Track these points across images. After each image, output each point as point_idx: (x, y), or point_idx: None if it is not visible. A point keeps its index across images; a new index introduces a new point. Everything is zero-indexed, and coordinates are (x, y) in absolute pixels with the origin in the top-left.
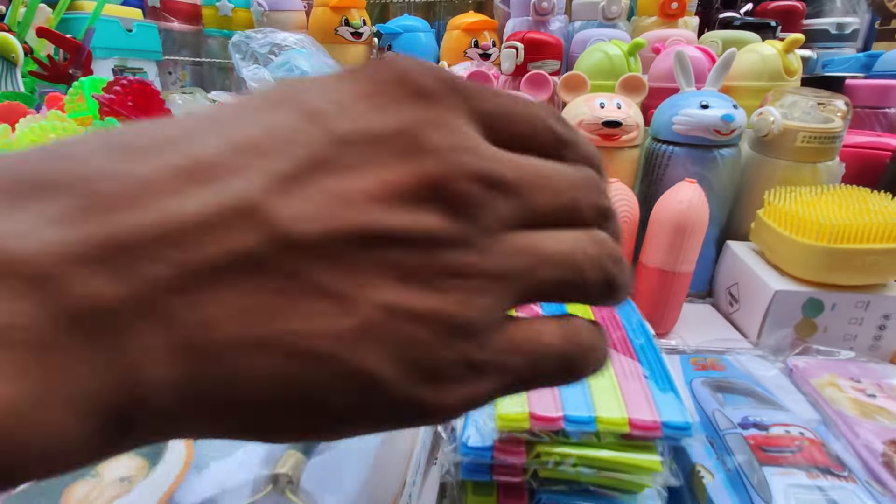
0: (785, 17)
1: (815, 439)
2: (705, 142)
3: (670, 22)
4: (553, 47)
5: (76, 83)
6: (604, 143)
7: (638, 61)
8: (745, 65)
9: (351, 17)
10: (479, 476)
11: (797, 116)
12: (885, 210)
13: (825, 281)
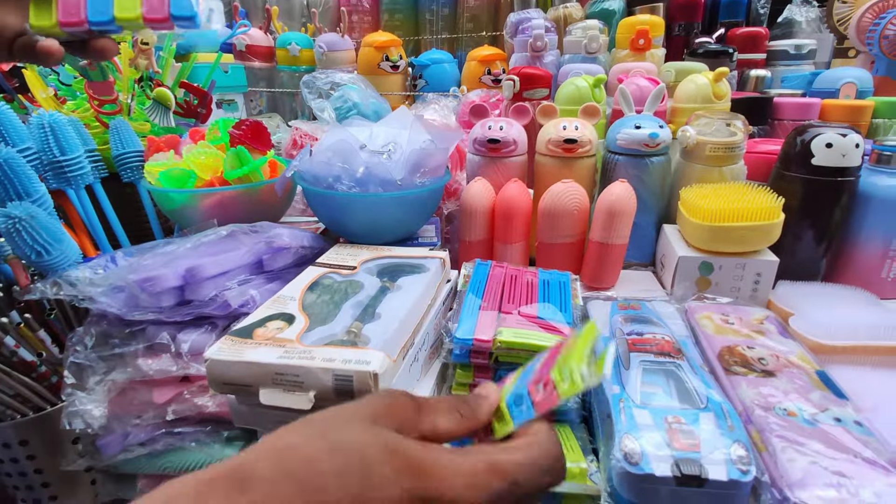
0: (751, 40)
1: (670, 340)
2: (640, 152)
3: (639, 54)
4: (542, 79)
5: (213, 122)
6: (565, 154)
7: (602, 91)
8: (686, 91)
9: (390, 53)
10: (462, 359)
11: (709, 132)
12: (756, 199)
13: (713, 249)
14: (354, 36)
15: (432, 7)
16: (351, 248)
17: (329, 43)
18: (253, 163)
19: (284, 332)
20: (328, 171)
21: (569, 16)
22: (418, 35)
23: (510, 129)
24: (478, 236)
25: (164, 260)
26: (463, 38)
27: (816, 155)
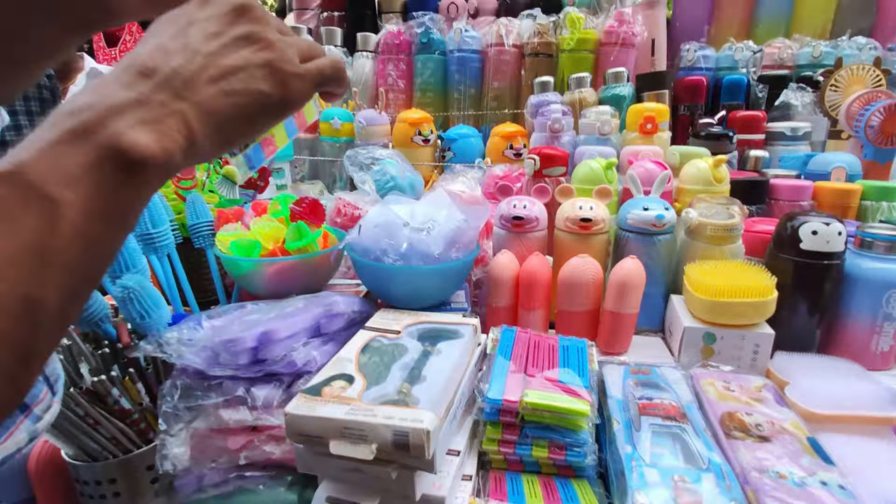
0: (750, 122)
1: (676, 405)
2: (648, 231)
3: (647, 137)
4: (560, 158)
5: (275, 197)
6: (581, 231)
7: (614, 172)
8: (689, 174)
9: (422, 129)
10: (492, 417)
11: (710, 215)
12: (752, 277)
13: (715, 321)
14: (390, 111)
15: (460, 87)
16: (394, 314)
17: (368, 119)
18: (310, 235)
19: (347, 391)
20: (376, 244)
21: (583, 100)
22: (447, 111)
23: (532, 207)
24: (504, 303)
25: (242, 324)
26: (487, 114)
27: (804, 240)
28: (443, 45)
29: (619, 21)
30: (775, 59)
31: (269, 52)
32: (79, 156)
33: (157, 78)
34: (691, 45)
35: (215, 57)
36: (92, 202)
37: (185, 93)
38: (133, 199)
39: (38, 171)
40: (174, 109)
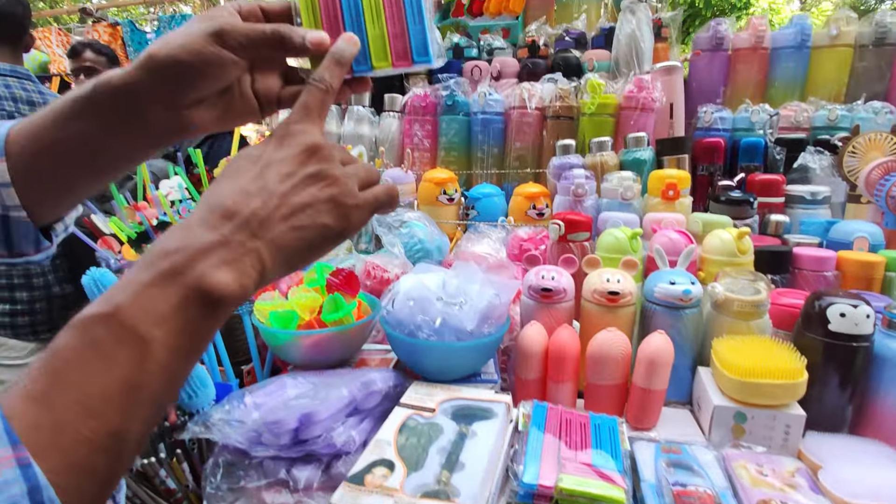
0: (769, 186)
1: (711, 494)
2: (675, 305)
3: (669, 202)
4: (584, 224)
5: (314, 265)
6: (609, 303)
7: (638, 242)
8: (713, 245)
9: (447, 188)
10: (526, 500)
11: (736, 290)
12: (782, 357)
13: (745, 401)
14: (415, 168)
15: (483, 147)
16: (427, 388)
17: (395, 178)
18: (346, 308)
19: (389, 480)
20: (410, 318)
21: (605, 163)
22: (471, 169)
23: (560, 279)
24: (533, 375)
25: (283, 402)
26: (509, 173)
27: (832, 321)
28: (467, 106)
29: (638, 87)
30: (791, 121)
31: (334, 187)
32: (169, 296)
33: (237, 220)
34: (708, 108)
35: (287, 196)
36: (178, 338)
37: (261, 232)
38: (211, 329)
39: (132, 313)
40: (251, 248)
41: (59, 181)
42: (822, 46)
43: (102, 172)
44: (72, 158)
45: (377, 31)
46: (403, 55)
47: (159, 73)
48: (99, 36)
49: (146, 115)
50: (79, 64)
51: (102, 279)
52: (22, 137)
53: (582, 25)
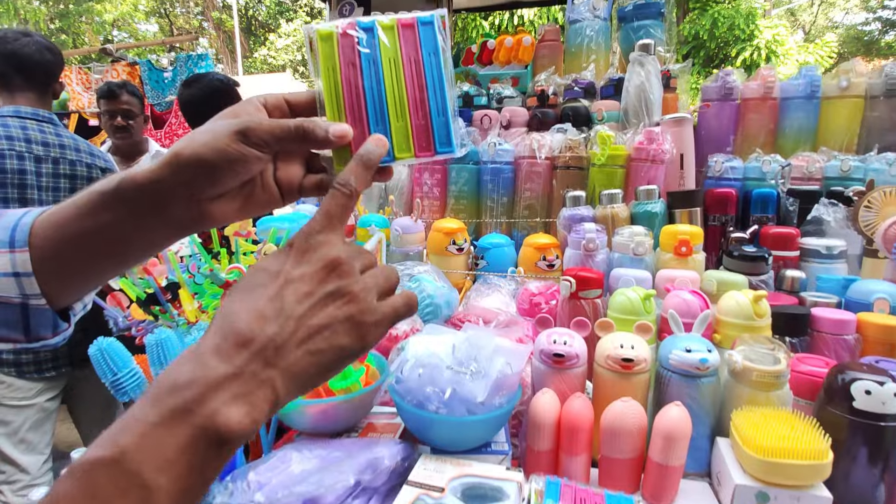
0: (783, 239)
1: None
2: (691, 374)
3: (682, 259)
4: (596, 281)
5: None
6: (622, 370)
7: (652, 303)
8: (728, 307)
9: (457, 238)
10: None
11: (755, 359)
12: (806, 435)
13: (768, 480)
14: (424, 216)
15: (493, 196)
16: (435, 463)
17: (404, 227)
18: (354, 375)
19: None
20: (419, 387)
21: (615, 215)
22: (480, 218)
23: (573, 343)
24: (545, 447)
25: (287, 479)
26: (519, 221)
27: (857, 398)
28: (476, 155)
29: (648, 139)
30: (804, 171)
31: (353, 305)
32: (177, 437)
33: (252, 348)
34: (719, 157)
35: (305, 319)
36: (183, 481)
37: (276, 360)
38: (219, 466)
39: (137, 458)
40: (264, 379)
41: (81, 270)
42: (832, 97)
43: (124, 261)
44: (95, 248)
45: (401, 122)
46: (426, 146)
47: (184, 172)
48: (118, 74)
49: (170, 209)
50: (115, 106)
51: (110, 350)
52: (47, 227)
53: (591, 75)
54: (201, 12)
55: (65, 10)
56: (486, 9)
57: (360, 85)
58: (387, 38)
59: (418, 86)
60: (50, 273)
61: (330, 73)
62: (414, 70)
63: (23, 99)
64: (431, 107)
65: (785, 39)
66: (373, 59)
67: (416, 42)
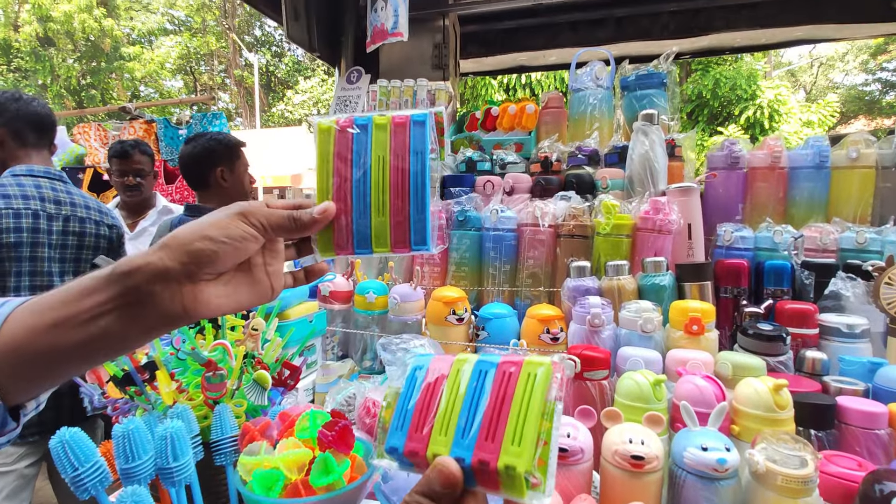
0: (801, 316)
1: None
2: (708, 475)
3: (694, 338)
4: (602, 361)
5: (306, 413)
6: (632, 468)
7: (662, 389)
8: (746, 395)
9: (457, 308)
10: None
11: (778, 460)
12: None
13: None
14: (424, 283)
15: (495, 263)
16: None
17: (402, 295)
18: (337, 471)
19: None
20: (407, 487)
21: (622, 287)
22: (482, 286)
23: (577, 435)
24: None
25: None
26: (522, 290)
27: None
28: (479, 221)
29: (654, 209)
30: (817, 242)
31: None
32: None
33: None
34: (728, 226)
35: None
36: None
37: None
38: None
39: None
40: None
41: (49, 370)
42: (841, 167)
43: (96, 361)
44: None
45: (381, 218)
46: (403, 243)
47: (186, 250)
48: (135, 132)
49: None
50: (128, 166)
51: (73, 442)
52: (27, 313)
53: (594, 143)
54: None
55: (96, 67)
56: (491, 73)
57: (348, 178)
58: (378, 134)
59: (401, 185)
60: (10, 366)
61: (324, 163)
62: (399, 170)
63: (38, 156)
64: (412, 206)
65: (787, 99)
66: (362, 155)
67: (406, 141)
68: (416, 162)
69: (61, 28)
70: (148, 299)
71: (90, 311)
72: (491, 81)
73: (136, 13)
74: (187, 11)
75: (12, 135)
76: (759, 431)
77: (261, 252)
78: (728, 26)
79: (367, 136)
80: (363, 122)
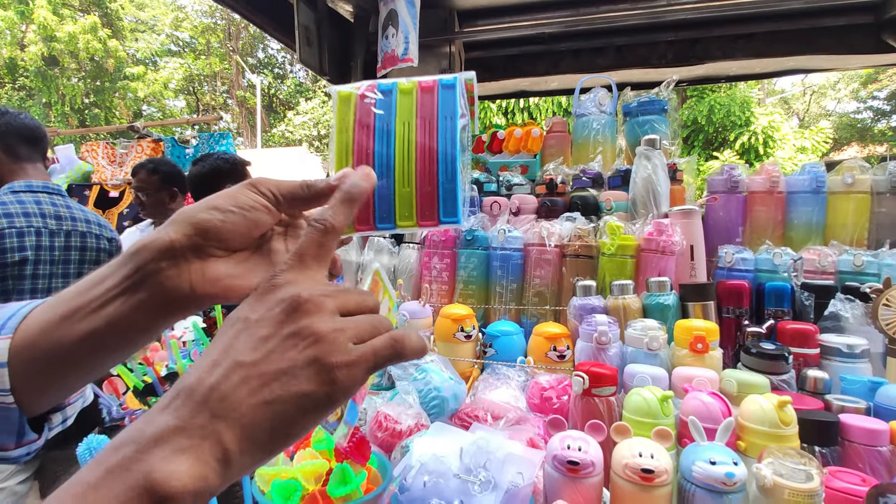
0: (801, 336)
1: None
2: (717, 489)
3: (698, 356)
4: (609, 378)
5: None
6: (642, 482)
7: (669, 405)
8: (751, 412)
9: (465, 325)
10: None
11: (785, 474)
12: None
13: None
14: (433, 301)
15: (502, 282)
16: None
17: (411, 312)
18: (355, 481)
19: None
20: (423, 499)
21: (627, 306)
22: (489, 304)
23: (588, 449)
24: None
25: None
26: (528, 308)
27: None
28: (486, 241)
29: (658, 230)
30: (816, 265)
31: (318, 346)
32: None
33: (196, 398)
34: (729, 248)
35: (258, 365)
36: None
37: (223, 410)
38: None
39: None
40: (210, 431)
41: (61, 359)
42: (838, 192)
43: (112, 355)
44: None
45: (406, 189)
46: (430, 215)
47: (197, 225)
48: (142, 150)
49: (177, 276)
50: (136, 184)
51: (99, 448)
52: (45, 307)
53: (598, 166)
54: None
55: (100, 87)
56: (493, 97)
57: (370, 147)
58: (404, 100)
59: (429, 151)
60: (22, 364)
61: (343, 133)
62: (427, 135)
63: (33, 170)
64: (440, 173)
65: (780, 126)
66: (386, 122)
67: (434, 106)
68: (445, 128)
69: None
70: (153, 277)
71: (100, 299)
72: (490, 105)
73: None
74: (192, 33)
75: (4, 150)
76: (765, 447)
77: (283, 237)
78: (724, 56)
79: (392, 101)
80: (387, 87)
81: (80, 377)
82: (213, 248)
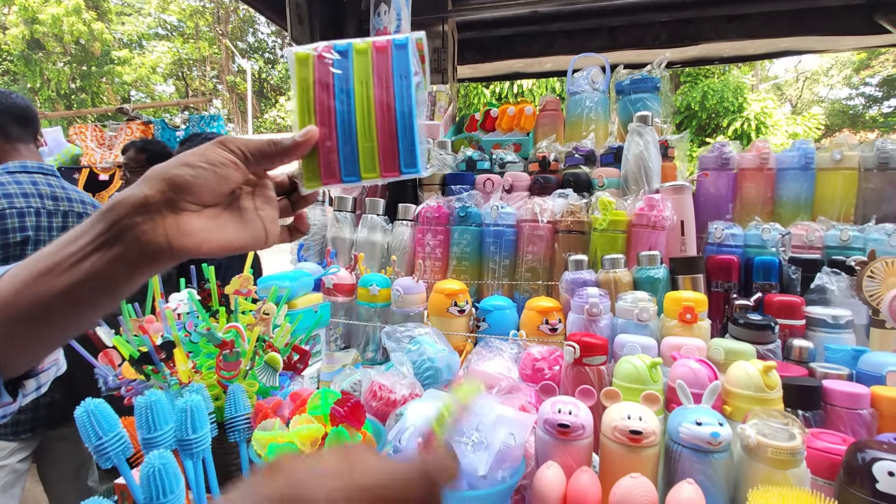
0: (788, 308)
1: None
2: (703, 448)
3: (687, 326)
4: (600, 347)
5: (318, 391)
6: (631, 443)
7: (658, 371)
8: (737, 377)
9: (458, 300)
10: None
11: (768, 434)
12: None
13: None
14: (426, 277)
15: (495, 258)
16: None
17: (405, 287)
18: None
19: None
20: None
21: (618, 280)
22: (482, 279)
23: (578, 413)
24: None
25: None
26: (521, 284)
27: (880, 480)
28: (479, 217)
29: (649, 205)
30: (804, 240)
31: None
32: None
33: None
34: (719, 224)
35: None
36: None
37: None
38: None
39: None
40: None
41: (40, 316)
42: (826, 168)
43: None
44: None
45: (368, 143)
46: (392, 166)
47: (168, 181)
48: (132, 132)
49: (151, 230)
50: (124, 160)
51: (97, 412)
52: (19, 268)
53: (591, 143)
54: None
55: (87, 71)
56: (487, 79)
57: (331, 106)
58: (360, 60)
59: (387, 108)
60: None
61: (304, 93)
62: (384, 92)
63: (26, 150)
64: (399, 129)
65: (773, 112)
66: (345, 81)
67: (389, 65)
68: (401, 86)
69: (49, 31)
70: (129, 232)
71: (76, 255)
72: (483, 90)
73: (127, 17)
74: (180, 17)
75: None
76: (750, 410)
77: (251, 196)
78: (718, 36)
79: (349, 61)
80: (343, 48)
81: (60, 333)
82: (185, 202)
